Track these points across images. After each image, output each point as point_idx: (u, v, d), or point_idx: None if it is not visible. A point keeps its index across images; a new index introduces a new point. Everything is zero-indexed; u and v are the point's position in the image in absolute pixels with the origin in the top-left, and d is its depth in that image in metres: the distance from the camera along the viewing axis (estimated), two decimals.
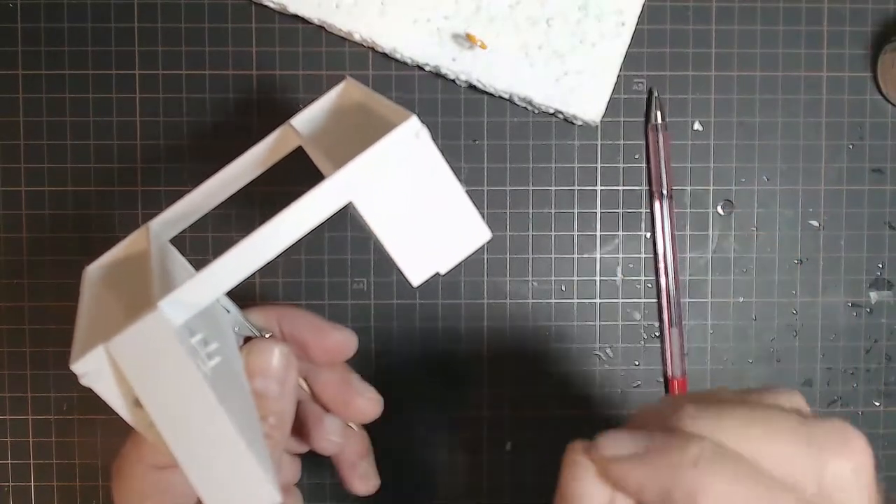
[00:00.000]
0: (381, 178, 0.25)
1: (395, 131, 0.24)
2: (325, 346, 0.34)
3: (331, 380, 0.35)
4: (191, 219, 0.32)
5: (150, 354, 0.24)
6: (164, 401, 0.24)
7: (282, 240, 0.25)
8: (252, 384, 0.31)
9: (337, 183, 0.24)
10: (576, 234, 0.41)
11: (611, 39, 0.39)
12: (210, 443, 0.24)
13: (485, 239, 0.26)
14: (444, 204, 0.25)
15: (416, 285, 0.26)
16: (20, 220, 0.40)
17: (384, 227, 0.25)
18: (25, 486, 0.41)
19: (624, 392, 0.41)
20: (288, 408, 0.31)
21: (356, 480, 0.36)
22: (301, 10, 0.39)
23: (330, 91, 0.32)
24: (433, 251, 0.26)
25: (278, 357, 0.31)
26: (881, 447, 0.42)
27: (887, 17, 0.41)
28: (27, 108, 0.40)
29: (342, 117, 0.32)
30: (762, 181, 0.41)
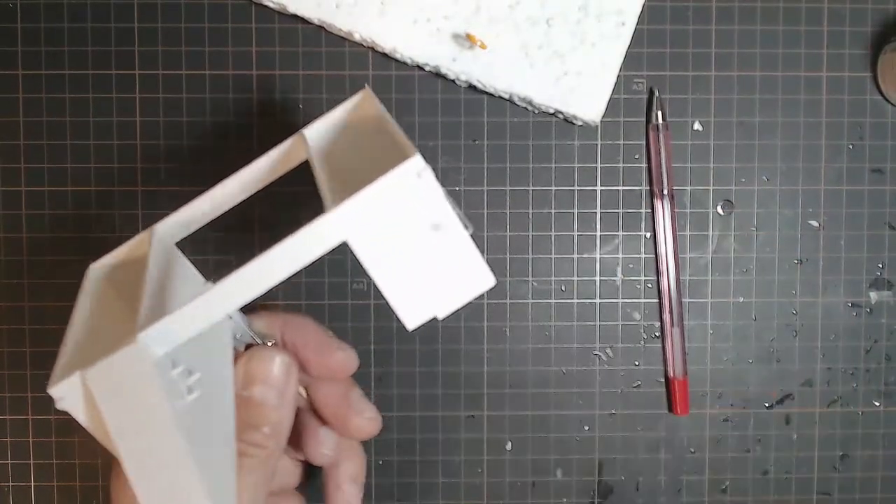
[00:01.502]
0: (379, 218, 0.23)
1: (395, 170, 0.23)
2: (325, 363, 0.33)
3: (331, 394, 0.34)
4: (198, 224, 0.31)
5: (124, 388, 0.23)
6: (131, 436, 0.24)
7: (273, 276, 0.24)
8: (250, 391, 0.30)
9: (332, 220, 0.23)
10: (576, 234, 0.41)
11: (611, 39, 0.39)
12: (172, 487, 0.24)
13: (488, 286, 0.25)
14: (445, 247, 0.24)
15: (410, 329, 0.25)
16: (20, 219, 0.40)
17: (380, 268, 0.24)
18: (25, 486, 0.41)
19: (624, 392, 0.41)
20: (285, 418, 0.31)
21: (338, 500, 0.35)
22: (301, 10, 0.39)
23: (346, 102, 0.31)
24: (431, 294, 0.25)
25: (279, 366, 0.31)
26: (881, 447, 0.42)
27: (887, 17, 0.41)
28: (27, 108, 0.40)
29: (352, 135, 0.31)
30: (762, 181, 0.41)
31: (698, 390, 0.41)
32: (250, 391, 0.30)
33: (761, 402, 0.41)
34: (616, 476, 0.42)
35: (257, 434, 0.30)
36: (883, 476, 0.42)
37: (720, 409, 0.41)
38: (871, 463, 0.42)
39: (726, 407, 0.41)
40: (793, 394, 0.42)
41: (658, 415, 0.41)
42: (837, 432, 0.42)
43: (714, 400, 0.41)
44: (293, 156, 0.30)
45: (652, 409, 0.41)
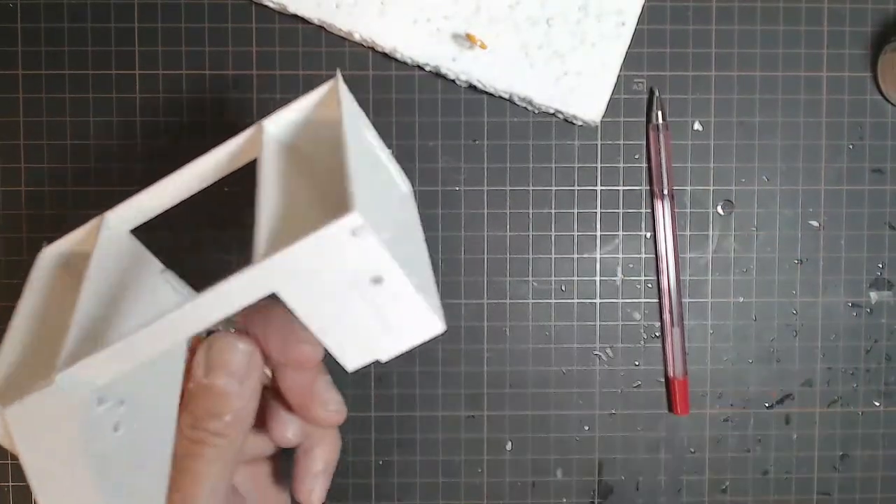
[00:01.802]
0: (311, 271, 0.22)
1: (328, 227, 0.21)
2: (287, 355, 0.32)
3: (296, 382, 0.33)
4: (152, 213, 0.30)
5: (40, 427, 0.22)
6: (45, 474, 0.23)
7: (198, 323, 0.23)
8: (212, 380, 0.29)
9: (260, 273, 0.22)
10: (576, 234, 0.41)
11: (611, 39, 0.39)
12: None
13: (436, 332, 0.24)
14: (388, 297, 0.23)
15: (350, 371, 0.25)
16: (20, 219, 0.40)
17: (315, 317, 0.23)
18: (25, 485, 0.41)
19: (624, 392, 0.41)
20: (248, 406, 0.30)
21: (302, 490, 0.34)
22: (301, 10, 0.39)
23: (312, 93, 0.29)
24: (375, 339, 0.24)
25: (241, 354, 0.30)
26: (881, 447, 0.42)
27: (887, 17, 0.41)
28: (27, 108, 0.40)
29: (310, 140, 0.29)
30: (762, 181, 0.41)
31: (698, 390, 0.41)
32: (211, 379, 0.29)
33: (761, 402, 0.41)
34: (616, 476, 0.42)
35: (219, 422, 0.29)
36: (883, 476, 0.42)
37: (720, 409, 0.41)
38: (871, 463, 0.42)
39: (726, 407, 0.41)
40: (793, 394, 0.42)
41: (658, 415, 0.41)
42: (837, 432, 0.42)
43: (714, 400, 0.41)
44: (251, 149, 0.29)
45: (652, 409, 0.41)
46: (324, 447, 0.34)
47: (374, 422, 0.41)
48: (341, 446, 0.35)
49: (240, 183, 0.40)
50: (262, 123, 0.28)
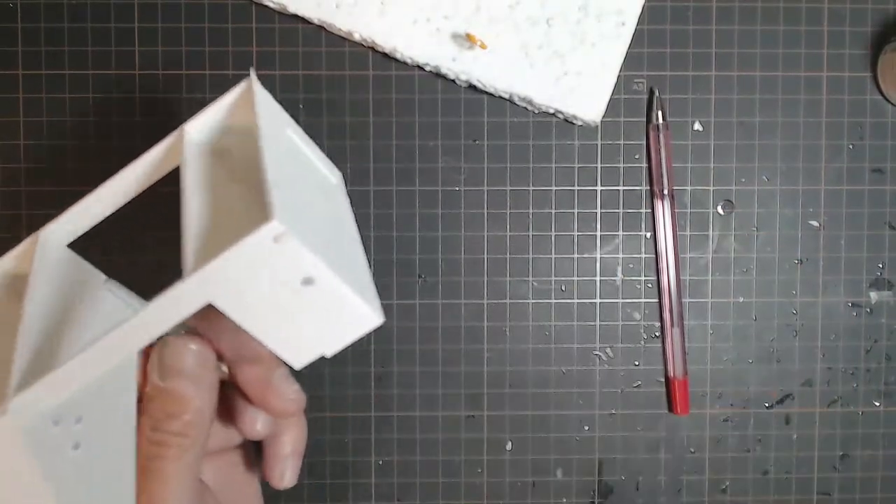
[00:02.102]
0: (243, 279, 0.23)
1: (250, 236, 0.22)
2: (240, 352, 0.32)
3: (251, 376, 0.33)
4: (88, 224, 0.30)
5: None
6: (5, 499, 0.23)
7: (144, 337, 0.23)
8: (166, 383, 0.29)
9: (192, 286, 0.22)
10: (576, 234, 0.41)
11: (611, 39, 0.39)
12: None
13: (374, 324, 0.25)
14: (321, 296, 0.23)
15: (297, 369, 0.25)
16: (20, 220, 0.40)
17: (254, 321, 0.24)
18: None
19: (624, 392, 0.41)
20: (205, 405, 0.30)
21: (273, 474, 0.34)
22: (301, 10, 0.39)
23: (226, 95, 0.29)
24: (316, 336, 0.24)
25: (192, 356, 0.30)
26: (881, 447, 0.42)
27: (887, 17, 0.41)
28: (27, 108, 0.40)
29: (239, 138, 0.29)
30: (762, 181, 0.41)
31: (698, 390, 0.41)
32: (167, 382, 0.29)
33: (761, 402, 0.41)
34: (616, 476, 0.42)
35: (178, 423, 0.29)
36: (883, 476, 0.42)
37: (720, 409, 0.41)
38: (871, 463, 0.42)
39: (726, 407, 0.41)
40: (793, 394, 0.42)
41: (658, 415, 0.41)
42: (837, 432, 0.42)
43: (714, 400, 0.41)
44: (175, 154, 0.29)
45: (652, 409, 0.41)
46: (291, 431, 0.34)
47: (374, 422, 0.41)
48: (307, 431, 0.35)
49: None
50: (184, 128, 0.28)
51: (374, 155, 0.40)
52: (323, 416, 0.41)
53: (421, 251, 0.41)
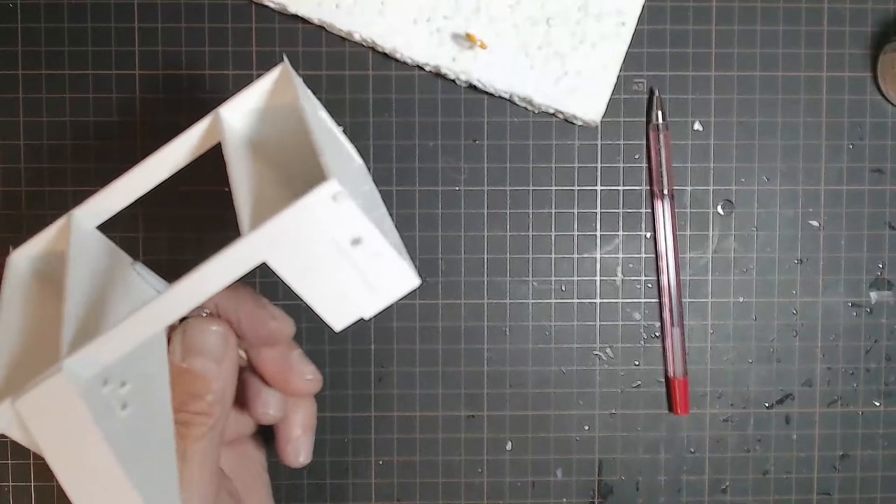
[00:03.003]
0: (296, 238, 0.24)
1: (310, 195, 0.23)
2: (259, 333, 0.33)
3: (270, 357, 0.34)
4: (116, 208, 0.31)
5: (54, 415, 0.23)
6: (67, 461, 0.24)
7: (195, 297, 0.24)
8: (189, 364, 0.30)
9: (249, 245, 0.24)
10: (576, 234, 0.41)
11: (611, 39, 0.39)
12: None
13: (412, 286, 0.26)
14: (367, 255, 0.25)
15: (337, 331, 0.26)
16: (20, 220, 0.40)
17: (302, 281, 0.25)
18: (25, 486, 0.41)
19: (624, 392, 0.41)
20: (226, 385, 0.31)
21: (288, 452, 0.36)
22: (301, 10, 0.39)
23: (261, 80, 0.30)
24: (357, 297, 0.25)
25: (215, 336, 0.31)
26: (881, 447, 0.42)
27: (887, 17, 0.41)
28: (27, 108, 0.40)
29: (272, 122, 0.31)
30: (762, 181, 0.41)
31: (698, 390, 0.41)
32: (189, 362, 0.30)
33: (761, 402, 0.41)
34: (616, 476, 0.42)
35: (201, 403, 0.30)
36: (883, 476, 0.42)
37: (720, 409, 0.41)
38: (871, 463, 0.42)
39: (726, 407, 0.41)
40: (793, 394, 0.42)
41: (658, 415, 0.41)
42: (837, 432, 0.42)
43: (714, 400, 0.41)
44: (211, 136, 0.30)
45: (652, 409, 0.41)
46: (301, 412, 0.36)
47: (374, 422, 0.41)
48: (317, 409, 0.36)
49: None
50: (219, 111, 0.29)
51: (374, 155, 0.40)
52: (323, 416, 0.41)
53: (421, 251, 0.41)
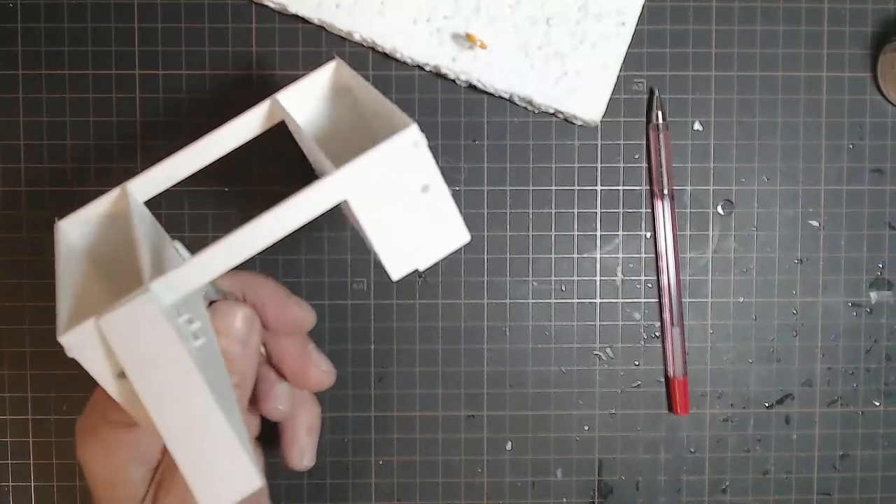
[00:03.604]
0: (376, 180, 0.26)
1: (394, 138, 0.25)
2: (283, 318, 0.34)
3: (289, 348, 0.36)
4: (167, 183, 0.32)
5: (140, 333, 0.25)
6: (151, 379, 0.25)
7: (278, 230, 0.26)
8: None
9: (335, 181, 0.25)
10: (576, 234, 0.41)
11: (611, 39, 0.39)
12: (196, 424, 0.25)
13: (464, 241, 0.27)
14: (431, 207, 0.26)
15: (395, 279, 0.27)
16: (20, 219, 0.40)
17: (373, 224, 0.26)
18: (25, 486, 0.41)
19: (624, 392, 0.41)
20: (250, 368, 0.32)
21: (293, 454, 0.37)
22: (301, 10, 0.39)
23: (319, 70, 0.32)
24: (415, 249, 0.27)
25: (241, 319, 0.32)
26: (881, 447, 0.42)
27: (887, 17, 0.41)
28: (27, 108, 0.40)
29: (332, 101, 0.33)
30: (762, 181, 0.41)
31: (698, 390, 0.41)
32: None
33: (761, 402, 0.41)
34: (616, 476, 0.42)
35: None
36: (883, 476, 0.42)
37: (720, 409, 0.41)
38: (871, 463, 0.42)
39: (726, 407, 0.41)
40: (793, 394, 0.42)
41: (658, 415, 0.41)
42: (837, 432, 0.42)
43: (714, 400, 0.41)
44: (266, 119, 0.32)
45: (652, 409, 0.41)
46: (305, 412, 0.37)
47: (374, 422, 0.41)
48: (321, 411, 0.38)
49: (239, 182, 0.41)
50: (275, 97, 0.32)
51: None
52: (323, 416, 0.41)
53: None
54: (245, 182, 0.40)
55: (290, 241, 0.40)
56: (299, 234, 0.40)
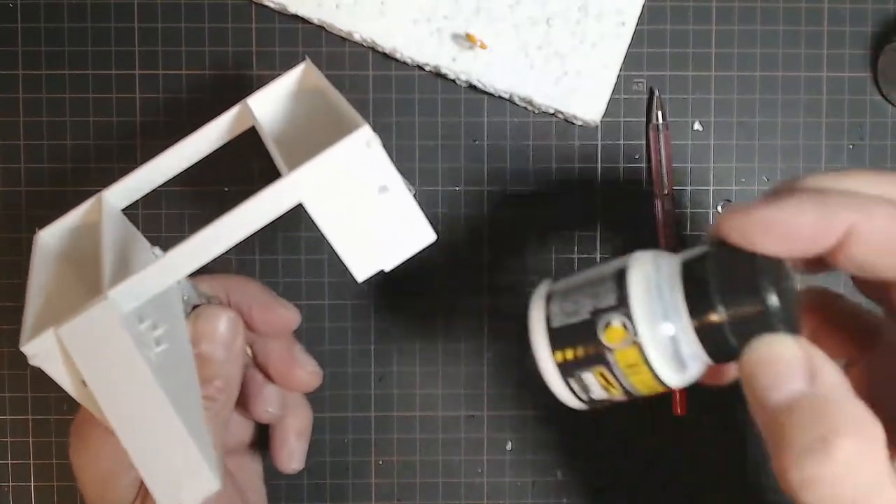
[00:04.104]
0: (331, 182, 0.26)
1: (346, 140, 0.25)
2: (267, 320, 0.34)
3: (275, 349, 0.36)
4: (143, 190, 0.33)
5: (98, 341, 0.25)
6: (110, 387, 0.25)
7: (233, 235, 0.26)
8: (199, 348, 0.31)
9: (288, 185, 0.25)
10: (576, 233, 0.41)
11: (611, 39, 0.39)
12: (154, 429, 0.25)
13: (429, 241, 0.27)
14: (391, 207, 0.26)
15: (360, 281, 0.27)
16: (20, 219, 0.40)
17: (332, 226, 0.26)
18: (25, 486, 0.41)
19: None
20: (234, 372, 0.32)
21: (282, 457, 0.37)
22: (301, 10, 0.39)
23: (288, 73, 0.32)
24: (379, 250, 0.27)
25: (225, 322, 0.32)
26: None
27: (887, 17, 0.41)
28: (27, 108, 0.40)
29: (298, 103, 0.33)
30: (762, 181, 0.41)
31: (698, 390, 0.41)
32: (199, 348, 0.31)
33: None
34: (616, 476, 0.42)
35: (209, 388, 0.31)
36: None
37: (720, 409, 0.41)
38: None
39: (726, 407, 0.41)
40: None
41: (658, 415, 0.41)
42: None
43: (714, 400, 0.41)
44: (238, 124, 0.32)
45: (652, 409, 0.41)
46: (296, 416, 0.37)
47: (374, 422, 0.41)
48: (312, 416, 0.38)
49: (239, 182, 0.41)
50: (246, 101, 0.32)
51: None
52: (323, 416, 0.41)
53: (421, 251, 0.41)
54: (246, 182, 0.40)
55: (290, 240, 0.40)
56: (299, 235, 0.40)
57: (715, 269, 0.23)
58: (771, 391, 0.22)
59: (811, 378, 0.22)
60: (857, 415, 0.21)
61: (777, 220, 0.22)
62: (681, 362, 0.24)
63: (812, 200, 0.22)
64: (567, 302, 0.26)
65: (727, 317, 0.23)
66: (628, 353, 0.24)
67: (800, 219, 0.22)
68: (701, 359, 0.25)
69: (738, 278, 0.23)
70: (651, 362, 0.24)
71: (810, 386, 0.22)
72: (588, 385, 0.26)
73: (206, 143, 0.32)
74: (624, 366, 0.24)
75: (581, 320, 0.25)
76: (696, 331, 0.24)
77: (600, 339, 0.24)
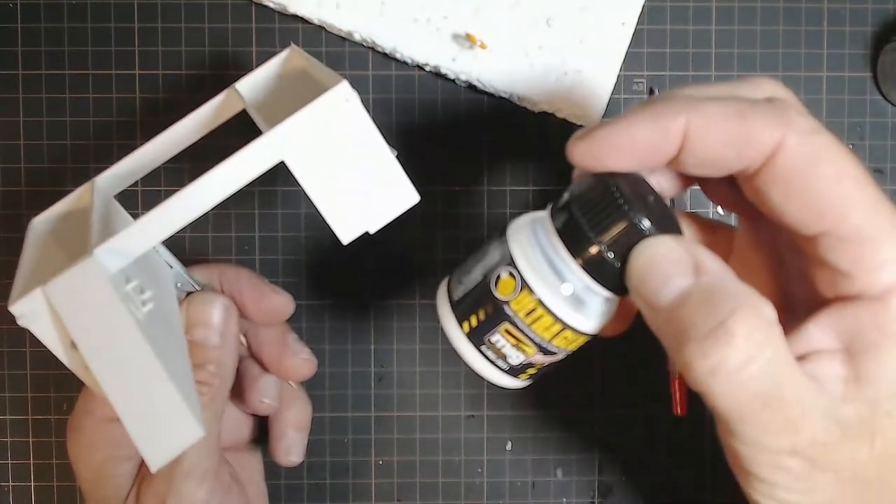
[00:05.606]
0: (312, 140, 0.26)
1: (325, 95, 0.25)
2: (261, 307, 0.34)
3: (268, 337, 0.36)
4: (136, 176, 0.33)
5: (84, 298, 0.25)
6: (96, 342, 0.25)
7: (214, 194, 0.26)
8: (193, 335, 0.31)
9: (269, 142, 0.25)
10: None
11: (611, 39, 0.39)
12: (138, 381, 0.25)
13: (413, 201, 0.27)
14: (373, 167, 0.26)
15: (345, 243, 0.27)
16: (20, 219, 0.40)
17: (315, 186, 0.26)
18: (25, 486, 0.41)
19: (625, 391, 0.41)
20: (228, 357, 0.32)
21: (280, 450, 0.37)
22: (301, 10, 0.39)
23: (274, 58, 0.33)
24: (363, 212, 0.27)
25: (218, 308, 0.32)
26: None
27: (887, 17, 0.41)
28: (27, 108, 0.40)
29: (285, 83, 0.33)
30: None
31: None
32: (193, 334, 0.31)
33: None
34: (616, 476, 0.42)
35: (203, 373, 0.31)
36: None
37: None
38: None
39: None
40: None
41: (658, 415, 0.41)
42: None
43: None
44: (227, 108, 0.32)
45: (652, 409, 0.41)
46: (294, 409, 0.37)
47: (374, 422, 0.41)
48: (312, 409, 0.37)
49: None
50: (234, 86, 0.32)
51: None
52: (323, 416, 0.41)
53: (421, 251, 0.41)
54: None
55: (290, 240, 0.40)
56: (300, 235, 0.40)
57: (578, 201, 0.25)
58: (660, 291, 0.22)
59: (696, 270, 0.22)
60: (749, 294, 0.22)
61: (617, 135, 0.24)
62: (577, 299, 0.25)
63: (645, 111, 0.24)
64: (463, 275, 0.27)
65: (602, 243, 0.24)
66: (523, 300, 0.25)
67: (637, 129, 0.23)
68: (597, 293, 0.25)
69: (599, 202, 0.24)
70: (545, 303, 0.25)
71: (697, 278, 0.22)
72: (501, 349, 0.26)
73: (196, 126, 0.32)
74: (524, 315, 0.25)
75: (475, 284, 0.26)
76: (581, 267, 0.24)
77: (495, 295, 0.25)
